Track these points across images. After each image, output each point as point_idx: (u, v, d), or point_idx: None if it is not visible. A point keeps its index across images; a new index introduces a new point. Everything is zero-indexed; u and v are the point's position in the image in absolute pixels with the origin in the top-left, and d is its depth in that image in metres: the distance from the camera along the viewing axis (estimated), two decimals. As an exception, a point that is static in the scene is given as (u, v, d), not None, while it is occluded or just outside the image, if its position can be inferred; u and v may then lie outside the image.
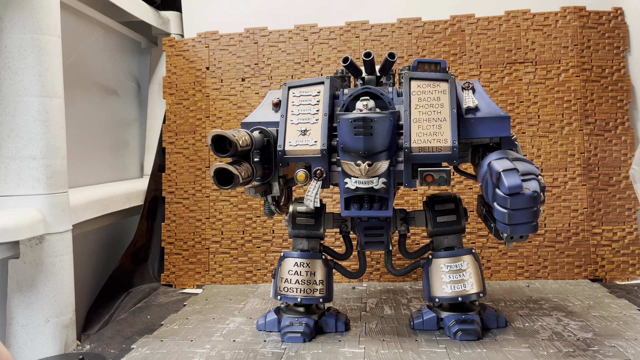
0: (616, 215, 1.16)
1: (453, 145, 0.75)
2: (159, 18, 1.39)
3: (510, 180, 0.66)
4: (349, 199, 0.78)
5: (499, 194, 0.67)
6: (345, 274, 0.89)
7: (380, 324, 0.88)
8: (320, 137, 0.78)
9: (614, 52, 1.20)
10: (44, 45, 0.84)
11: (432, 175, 0.75)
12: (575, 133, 1.18)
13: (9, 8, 0.82)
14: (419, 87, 0.80)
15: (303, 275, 0.84)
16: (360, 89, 0.80)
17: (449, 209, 0.85)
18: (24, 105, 0.82)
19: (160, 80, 1.39)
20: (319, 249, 0.88)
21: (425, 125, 0.77)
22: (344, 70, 0.88)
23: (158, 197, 1.30)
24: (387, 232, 0.85)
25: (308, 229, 0.87)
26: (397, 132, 0.77)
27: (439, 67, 0.82)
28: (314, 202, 0.77)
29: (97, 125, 1.26)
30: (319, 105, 0.81)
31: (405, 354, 0.75)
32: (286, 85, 0.84)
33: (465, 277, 0.81)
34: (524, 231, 0.69)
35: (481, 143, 0.81)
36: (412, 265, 0.88)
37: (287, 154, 0.78)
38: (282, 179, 0.84)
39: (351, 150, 0.75)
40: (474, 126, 0.78)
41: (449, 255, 0.83)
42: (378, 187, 0.76)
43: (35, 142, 0.83)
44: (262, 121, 0.83)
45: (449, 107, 0.78)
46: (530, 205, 0.67)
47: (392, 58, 0.81)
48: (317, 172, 0.77)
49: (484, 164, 0.74)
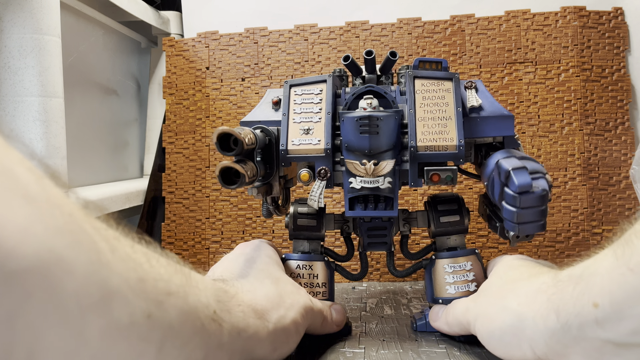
0: (616, 215, 1.16)
1: (459, 144, 0.75)
2: (159, 18, 1.39)
3: (520, 178, 0.66)
4: (353, 199, 0.77)
5: (508, 192, 0.67)
6: (347, 275, 0.88)
7: (380, 324, 0.88)
8: (324, 136, 0.77)
9: (614, 52, 1.20)
10: (44, 45, 0.84)
11: (439, 175, 0.74)
12: (575, 133, 1.18)
13: (9, 8, 0.82)
14: (423, 85, 0.80)
15: (306, 277, 0.83)
16: (363, 87, 0.79)
17: (452, 209, 0.85)
18: (24, 105, 0.82)
19: (160, 80, 1.39)
20: (320, 251, 0.86)
21: (430, 124, 0.77)
22: (342, 69, 0.88)
23: (158, 197, 1.30)
24: (391, 232, 0.85)
25: (309, 230, 0.85)
26: (402, 131, 0.77)
27: (440, 67, 0.82)
28: (318, 202, 0.76)
29: (97, 125, 1.26)
30: (322, 104, 0.80)
31: (405, 354, 0.75)
32: (287, 83, 0.83)
33: (469, 278, 0.80)
34: (532, 230, 0.68)
35: (484, 142, 0.81)
36: (415, 266, 0.87)
37: (290, 153, 0.77)
38: (282, 179, 0.82)
39: (356, 149, 0.75)
40: (478, 125, 0.78)
41: (453, 256, 0.82)
42: (384, 186, 0.75)
43: (35, 142, 0.83)
44: (262, 120, 0.81)
45: (454, 106, 0.77)
46: (539, 204, 0.66)
47: (393, 57, 0.81)
48: (322, 172, 0.76)
49: (489, 163, 0.73)
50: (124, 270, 0.40)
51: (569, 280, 0.53)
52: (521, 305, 0.58)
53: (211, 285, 0.55)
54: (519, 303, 0.59)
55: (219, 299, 0.55)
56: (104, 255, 0.38)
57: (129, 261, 0.42)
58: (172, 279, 0.47)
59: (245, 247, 0.78)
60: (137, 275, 0.42)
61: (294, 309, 0.66)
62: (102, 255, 0.38)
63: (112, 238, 0.41)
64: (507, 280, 0.67)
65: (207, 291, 0.53)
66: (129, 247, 0.43)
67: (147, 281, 0.43)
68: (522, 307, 0.58)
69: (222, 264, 0.74)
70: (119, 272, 0.39)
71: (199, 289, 0.51)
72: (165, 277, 0.46)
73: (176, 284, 0.47)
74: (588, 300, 0.49)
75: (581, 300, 0.50)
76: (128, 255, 0.42)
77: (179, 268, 0.50)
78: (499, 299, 0.63)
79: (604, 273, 0.48)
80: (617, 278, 0.46)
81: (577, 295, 0.51)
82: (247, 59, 1.28)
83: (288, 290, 0.69)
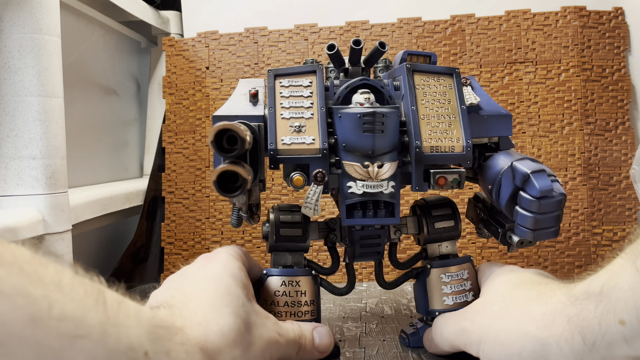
0: (616, 215, 1.16)
1: (467, 144, 0.69)
2: (159, 18, 1.39)
3: (542, 182, 0.61)
4: (350, 206, 0.69)
5: (525, 197, 0.62)
6: (332, 290, 0.79)
7: (380, 324, 0.88)
8: (318, 134, 0.68)
9: (615, 52, 1.20)
10: (44, 45, 0.84)
11: (445, 178, 0.68)
12: (575, 133, 1.18)
13: (9, 8, 0.81)
14: (423, 80, 0.73)
15: (291, 295, 0.72)
16: (357, 79, 0.71)
17: (446, 214, 0.78)
18: (24, 105, 0.82)
19: (160, 80, 1.39)
20: (304, 264, 0.76)
21: (434, 122, 0.70)
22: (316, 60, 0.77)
23: (158, 197, 1.29)
24: (384, 240, 0.77)
25: (294, 241, 0.75)
26: (400, 130, 0.69)
27: (429, 61, 0.75)
28: (314, 209, 0.68)
29: (97, 125, 1.26)
30: (313, 98, 0.71)
31: (405, 354, 0.75)
32: (271, 72, 0.72)
33: (467, 287, 0.75)
34: (546, 236, 0.64)
35: (479, 143, 0.75)
36: (404, 276, 0.81)
37: (281, 153, 0.67)
38: (261, 182, 0.71)
39: (357, 150, 0.67)
40: (477, 125, 0.72)
41: (449, 264, 0.76)
42: (387, 191, 0.67)
43: (35, 142, 0.83)
44: (239, 115, 0.70)
45: (457, 104, 0.71)
46: (557, 209, 0.63)
47: (383, 48, 0.73)
48: (318, 176, 0.66)
49: (492, 165, 0.68)
50: (9, 310, 0.32)
51: (587, 298, 0.51)
52: (540, 329, 0.55)
53: (147, 318, 0.46)
54: (538, 327, 0.55)
55: (156, 336, 0.45)
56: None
57: (17, 296, 0.33)
58: (87, 315, 0.39)
59: (207, 261, 0.66)
60: (29, 315, 0.34)
61: (255, 347, 0.57)
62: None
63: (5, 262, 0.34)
64: (511, 300, 0.62)
65: (140, 327, 0.44)
66: (26, 275, 0.35)
67: (43, 322, 0.34)
68: (541, 332, 0.55)
69: (176, 282, 0.63)
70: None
71: (126, 326, 0.42)
72: (76, 313, 0.37)
73: (90, 323, 0.39)
74: (614, 318, 0.48)
75: (606, 319, 0.48)
76: (16, 288, 0.33)
77: (100, 298, 0.41)
78: (511, 322, 0.59)
79: (627, 288, 0.47)
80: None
81: (600, 314, 0.49)
82: (247, 58, 1.28)
83: (250, 322, 0.58)
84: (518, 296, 0.62)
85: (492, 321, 0.61)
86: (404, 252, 1.17)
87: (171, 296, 0.58)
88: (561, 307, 0.54)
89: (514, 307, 0.60)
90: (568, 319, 0.53)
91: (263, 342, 0.58)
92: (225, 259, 0.65)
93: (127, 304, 0.44)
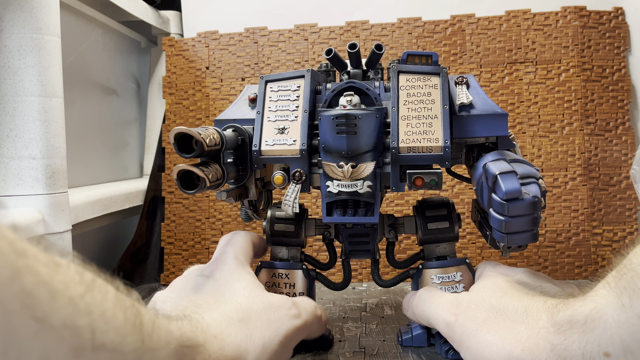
0: (617, 216, 1.16)
1: (445, 145, 0.69)
2: (159, 18, 1.39)
3: (508, 184, 0.60)
4: (331, 204, 0.72)
5: (495, 199, 0.61)
6: (328, 285, 0.83)
7: (380, 324, 0.88)
8: (299, 135, 0.72)
9: (615, 52, 1.20)
10: (44, 45, 0.84)
11: (422, 178, 0.68)
12: (575, 133, 1.17)
13: (9, 8, 0.81)
14: (408, 81, 0.73)
15: (282, 287, 0.77)
16: (343, 83, 0.73)
17: (441, 214, 0.79)
18: (24, 105, 0.82)
19: (160, 80, 1.39)
20: (300, 258, 0.81)
21: (414, 123, 0.71)
22: (328, 64, 0.82)
23: (158, 197, 1.29)
24: (374, 239, 0.79)
25: (287, 236, 0.79)
26: (385, 131, 0.71)
27: (430, 60, 0.75)
28: (292, 207, 0.71)
29: (97, 125, 1.26)
30: (299, 101, 0.74)
31: (405, 354, 0.75)
32: (263, 78, 0.77)
33: (458, 290, 0.75)
34: (522, 240, 0.63)
35: (476, 143, 0.75)
36: (401, 275, 0.81)
37: (263, 154, 0.72)
38: (260, 181, 0.77)
39: (333, 151, 0.69)
40: (468, 124, 0.71)
41: (440, 266, 0.76)
42: (363, 190, 0.69)
43: (34, 142, 0.83)
44: (237, 118, 0.76)
45: (441, 104, 0.71)
46: (530, 212, 0.61)
47: (379, 50, 0.75)
48: (296, 175, 0.71)
49: (478, 166, 0.67)
50: (52, 343, 0.32)
51: (571, 328, 0.52)
52: (524, 352, 0.56)
53: (175, 338, 0.47)
54: (522, 349, 0.56)
55: (181, 357, 0.47)
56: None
57: (64, 330, 0.33)
58: (124, 342, 0.38)
59: (214, 269, 0.68)
60: (71, 347, 0.33)
61: (271, 345, 0.58)
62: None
63: (58, 282, 0.34)
64: (498, 309, 0.62)
65: (169, 349, 0.45)
66: (74, 305, 0.35)
67: (84, 353, 0.34)
68: (525, 354, 0.55)
69: (185, 289, 0.64)
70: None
71: (158, 349, 0.43)
72: (115, 341, 0.37)
73: (126, 350, 0.38)
74: (598, 350, 0.48)
75: (590, 351, 0.49)
76: (64, 321, 0.33)
77: (138, 322, 0.41)
78: (497, 338, 0.59)
79: (612, 323, 0.47)
80: (627, 327, 0.46)
81: (584, 346, 0.50)
82: (247, 58, 1.28)
83: (262, 325, 0.59)
84: (504, 305, 0.62)
85: (476, 328, 0.62)
86: (404, 252, 1.17)
87: (184, 307, 0.59)
88: (544, 333, 0.55)
89: (502, 323, 0.60)
90: (552, 347, 0.54)
91: (279, 338, 0.59)
92: (233, 266, 0.68)
93: (159, 324, 0.45)
